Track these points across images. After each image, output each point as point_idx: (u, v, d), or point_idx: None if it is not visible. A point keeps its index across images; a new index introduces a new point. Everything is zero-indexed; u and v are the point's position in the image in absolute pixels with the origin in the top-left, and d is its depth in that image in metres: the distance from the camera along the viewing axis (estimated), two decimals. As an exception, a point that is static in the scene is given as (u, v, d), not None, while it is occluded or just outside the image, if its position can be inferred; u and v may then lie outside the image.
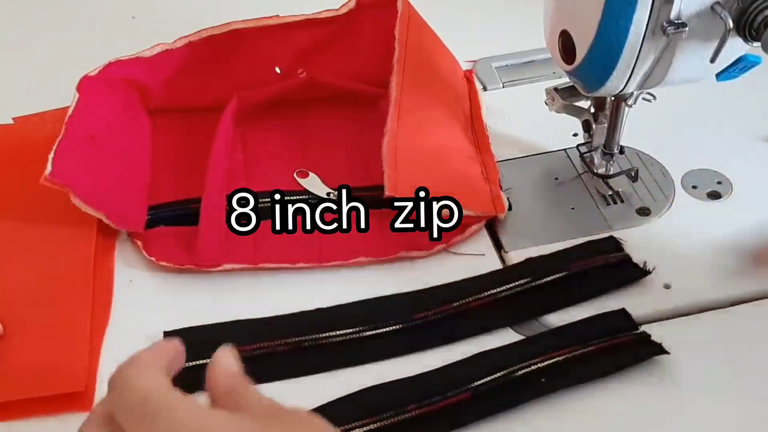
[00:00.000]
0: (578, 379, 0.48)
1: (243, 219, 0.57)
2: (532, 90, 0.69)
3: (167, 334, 0.50)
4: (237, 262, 0.55)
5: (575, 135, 0.64)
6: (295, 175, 0.61)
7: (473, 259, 0.56)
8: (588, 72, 0.52)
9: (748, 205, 0.59)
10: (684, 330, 0.51)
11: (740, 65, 0.51)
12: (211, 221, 0.56)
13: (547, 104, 0.60)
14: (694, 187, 0.60)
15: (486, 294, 0.53)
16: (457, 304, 0.53)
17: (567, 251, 0.56)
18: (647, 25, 0.48)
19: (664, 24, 0.47)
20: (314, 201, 0.59)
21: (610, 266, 0.55)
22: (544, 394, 0.48)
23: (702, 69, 0.50)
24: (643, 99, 0.57)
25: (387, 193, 0.56)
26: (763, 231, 0.57)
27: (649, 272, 0.54)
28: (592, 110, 0.59)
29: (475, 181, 0.59)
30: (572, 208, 0.59)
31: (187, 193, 0.60)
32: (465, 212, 0.56)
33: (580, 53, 0.51)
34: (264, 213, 0.58)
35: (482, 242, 0.57)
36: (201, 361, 0.45)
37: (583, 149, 0.61)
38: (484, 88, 0.70)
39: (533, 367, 0.49)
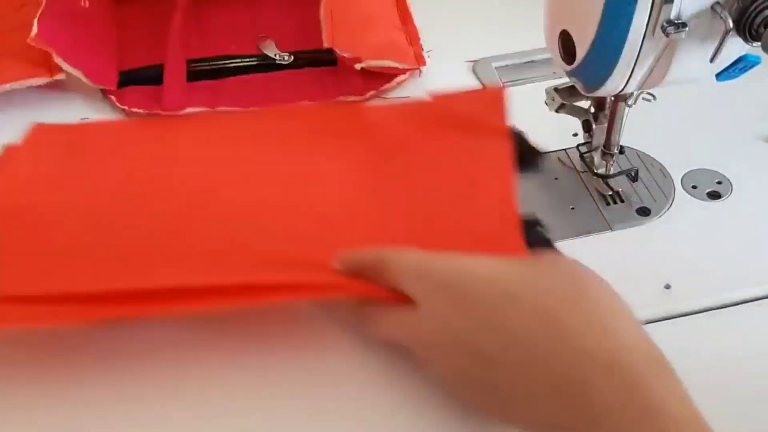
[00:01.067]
0: None
1: (201, 78, 0.69)
2: (532, 90, 0.69)
3: None
4: (198, 106, 0.65)
5: (575, 135, 0.64)
6: (256, 40, 0.71)
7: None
8: (588, 72, 0.52)
9: (748, 205, 0.59)
10: (684, 330, 0.51)
11: (740, 65, 0.51)
12: (174, 74, 0.67)
13: (547, 104, 0.60)
14: (694, 187, 0.60)
15: None
16: None
17: None
18: (647, 25, 0.48)
19: (664, 24, 0.47)
20: (265, 62, 0.70)
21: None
22: None
23: (702, 69, 0.50)
24: (643, 99, 0.57)
25: (325, 45, 0.68)
26: (764, 231, 0.57)
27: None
28: (592, 110, 0.59)
29: (400, 43, 0.71)
30: (572, 208, 0.59)
31: (153, 60, 0.69)
32: (391, 64, 0.67)
33: (580, 53, 0.51)
34: (220, 73, 0.70)
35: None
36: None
37: (583, 149, 0.61)
38: (484, 88, 0.70)
39: None
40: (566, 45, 0.52)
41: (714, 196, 0.60)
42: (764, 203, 0.59)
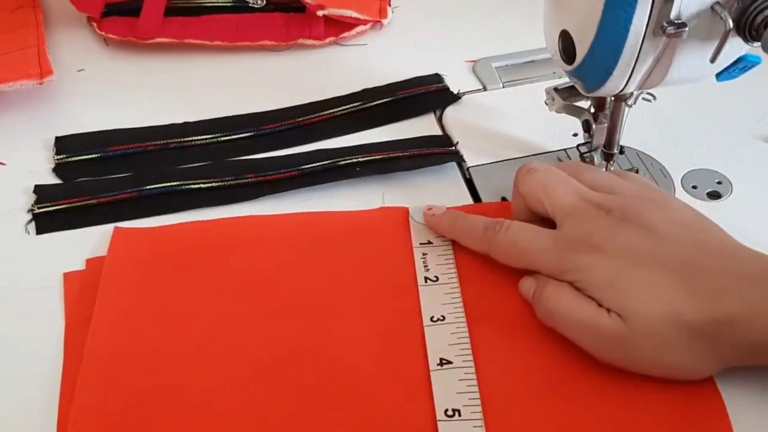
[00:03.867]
0: (382, 169, 0.61)
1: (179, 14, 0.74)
2: (532, 90, 0.69)
3: (58, 139, 0.64)
4: (169, 37, 0.72)
5: (575, 135, 0.64)
6: None
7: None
8: (588, 72, 0.52)
9: (748, 205, 0.59)
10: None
11: (740, 65, 0.51)
12: (153, 7, 0.73)
13: (547, 104, 0.60)
14: (694, 187, 0.60)
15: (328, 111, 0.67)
16: (301, 119, 0.66)
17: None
18: (647, 25, 0.48)
19: (664, 24, 0.47)
20: (240, 5, 0.75)
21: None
22: (353, 177, 0.60)
23: (702, 69, 0.50)
24: (643, 99, 0.57)
25: None
26: (763, 231, 0.57)
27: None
28: (592, 110, 0.59)
29: None
30: (572, 208, 0.59)
31: None
32: (352, 14, 0.73)
33: (580, 53, 0.51)
34: (197, 11, 0.75)
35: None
36: (84, 156, 0.63)
37: (583, 149, 0.61)
38: (484, 88, 0.70)
39: (353, 160, 0.62)
40: (566, 45, 0.52)
41: (714, 196, 0.60)
42: (764, 203, 0.59)
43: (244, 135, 0.65)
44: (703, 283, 0.45)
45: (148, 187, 0.60)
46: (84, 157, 0.63)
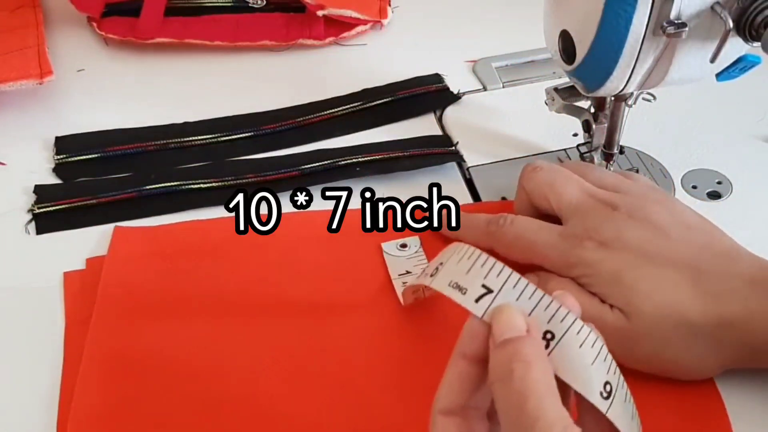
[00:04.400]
0: (382, 169, 0.61)
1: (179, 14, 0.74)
2: (532, 90, 0.69)
3: (58, 139, 0.64)
4: (168, 37, 0.72)
5: (575, 135, 0.64)
6: None
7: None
8: (588, 72, 0.52)
9: (748, 205, 0.59)
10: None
11: (740, 65, 0.51)
12: (153, 6, 0.73)
13: (547, 104, 0.60)
14: (694, 187, 0.60)
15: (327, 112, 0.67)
16: (301, 119, 0.66)
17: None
18: (647, 25, 0.48)
19: (664, 24, 0.47)
20: (240, 4, 0.75)
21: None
22: (353, 177, 0.60)
23: (702, 69, 0.50)
24: (643, 99, 0.57)
25: None
26: (763, 231, 0.57)
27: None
28: (592, 110, 0.59)
29: None
30: (572, 208, 0.59)
31: None
32: (352, 14, 0.73)
33: (580, 53, 0.51)
34: (197, 11, 0.75)
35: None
36: (84, 156, 0.63)
37: (583, 149, 0.61)
38: (484, 88, 0.70)
39: (353, 160, 0.62)
40: (566, 45, 0.52)
41: (714, 196, 0.60)
42: (764, 203, 0.59)
43: (244, 135, 0.65)
44: (706, 284, 0.45)
45: (148, 187, 0.60)
46: (84, 157, 0.63)
